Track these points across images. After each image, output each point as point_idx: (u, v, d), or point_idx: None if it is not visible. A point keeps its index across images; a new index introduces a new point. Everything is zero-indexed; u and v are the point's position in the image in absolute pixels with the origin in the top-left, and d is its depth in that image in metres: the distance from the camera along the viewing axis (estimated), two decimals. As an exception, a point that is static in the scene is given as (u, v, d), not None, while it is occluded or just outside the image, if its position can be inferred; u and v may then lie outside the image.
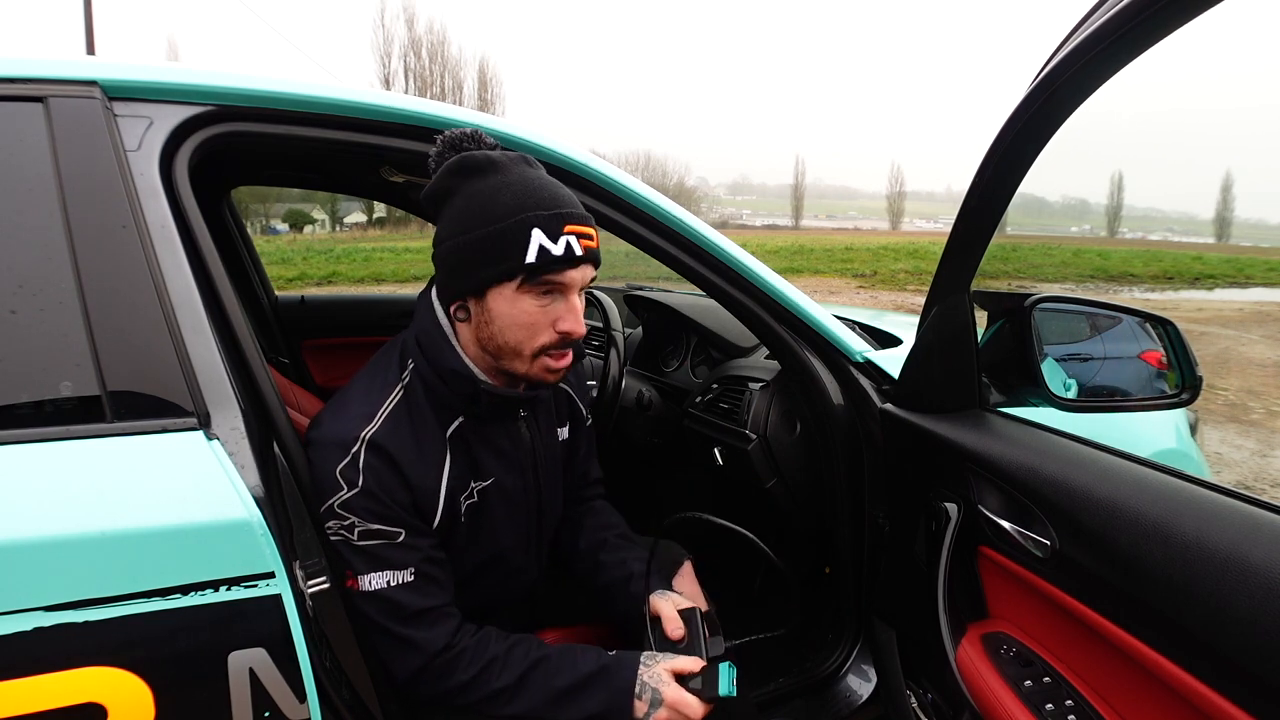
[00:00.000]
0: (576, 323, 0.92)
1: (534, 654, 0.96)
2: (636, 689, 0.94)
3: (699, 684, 0.95)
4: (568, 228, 0.88)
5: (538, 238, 0.87)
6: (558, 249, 0.87)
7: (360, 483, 0.89)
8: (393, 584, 0.91)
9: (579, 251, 0.89)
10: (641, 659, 0.97)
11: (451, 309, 0.96)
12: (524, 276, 0.88)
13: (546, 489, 1.11)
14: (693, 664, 0.97)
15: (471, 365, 0.96)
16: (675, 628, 1.02)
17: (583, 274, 0.91)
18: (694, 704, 0.93)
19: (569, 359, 0.96)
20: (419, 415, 0.96)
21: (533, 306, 0.90)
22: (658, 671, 0.95)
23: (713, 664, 0.97)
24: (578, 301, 0.92)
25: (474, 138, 0.95)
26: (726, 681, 0.95)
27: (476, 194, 0.89)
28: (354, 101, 1.02)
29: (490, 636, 0.97)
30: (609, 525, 1.23)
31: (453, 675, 0.92)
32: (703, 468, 1.67)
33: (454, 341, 0.97)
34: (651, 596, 1.08)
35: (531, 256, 0.87)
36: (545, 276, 0.89)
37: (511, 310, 0.91)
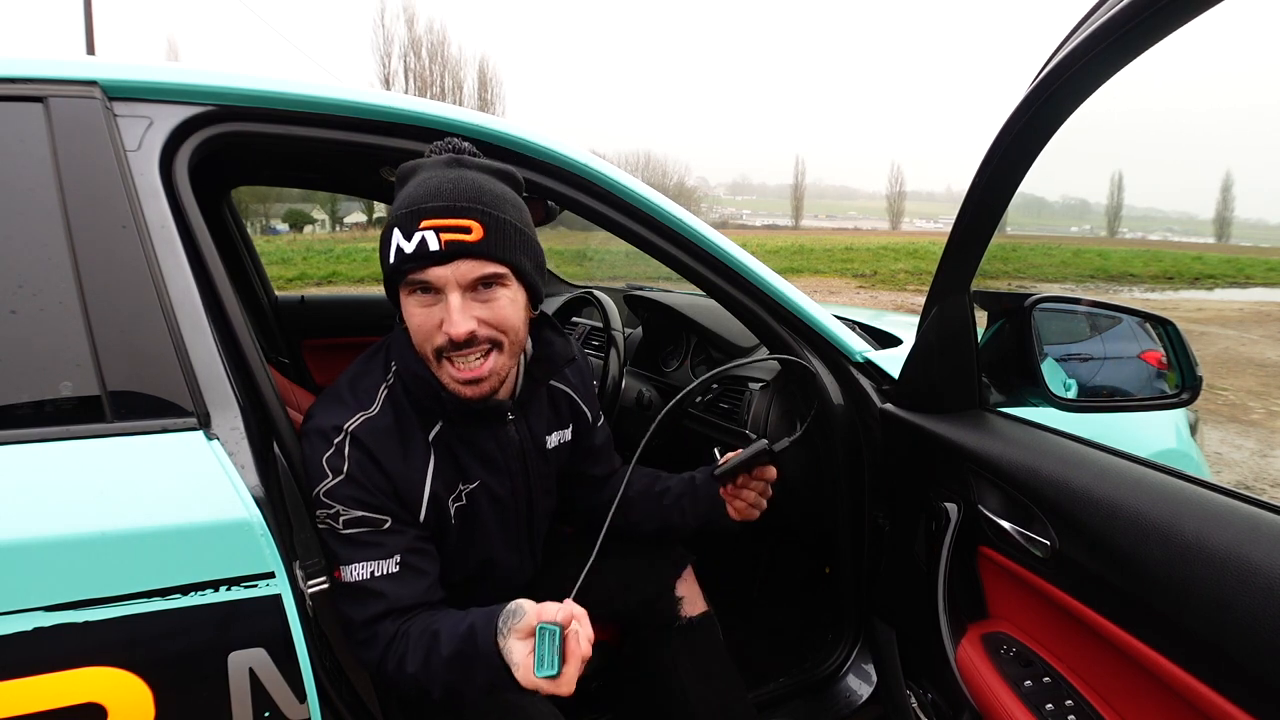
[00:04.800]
0: (451, 323, 0.86)
1: (428, 631, 0.88)
2: (500, 650, 0.81)
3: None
4: (424, 223, 0.85)
5: (396, 238, 0.86)
6: (410, 246, 0.85)
7: (345, 469, 0.89)
8: (376, 574, 0.90)
9: (434, 246, 0.84)
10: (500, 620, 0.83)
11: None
12: (395, 280, 0.89)
13: (537, 491, 1.11)
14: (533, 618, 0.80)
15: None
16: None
17: (454, 270, 0.86)
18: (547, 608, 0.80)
19: (486, 368, 0.90)
20: (403, 415, 0.96)
21: (416, 309, 0.89)
22: (511, 610, 0.82)
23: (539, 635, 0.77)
24: (455, 300, 0.87)
25: (448, 147, 0.94)
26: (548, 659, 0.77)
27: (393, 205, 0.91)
28: (354, 101, 1.02)
29: (410, 623, 0.90)
30: (639, 480, 1.24)
31: (386, 666, 0.89)
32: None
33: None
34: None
35: (391, 258, 0.87)
36: (410, 276, 0.87)
37: (407, 315, 0.90)
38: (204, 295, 0.83)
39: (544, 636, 0.77)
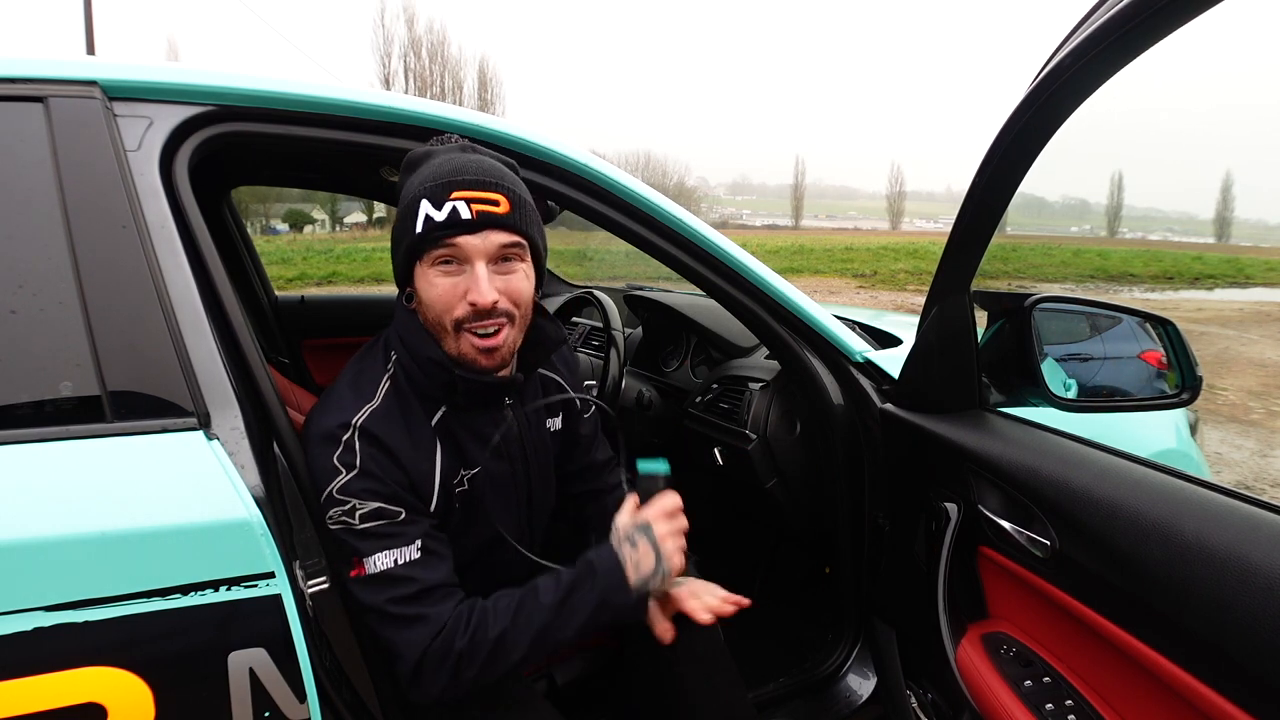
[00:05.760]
0: (479, 293, 0.90)
1: (518, 592, 0.96)
2: (620, 558, 0.96)
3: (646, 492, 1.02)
4: (455, 194, 0.88)
5: (424, 208, 0.89)
6: (440, 214, 0.88)
7: (358, 464, 0.89)
8: (400, 561, 0.90)
9: (466, 215, 0.88)
10: (610, 541, 1.00)
11: (404, 300, 0.99)
12: (421, 250, 0.90)
13: (537, 478, 1.11)
14: (631, 504, 1.02)
15: (446, 353, 0.97)
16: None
17: (484, 240, 0.90)
18: (662, 503, 1.00)
19: (501, 338, 0.94)
20: (406, 405, 0.96)
21: (440, 279, 0.91)
22: (622, 523, 1.00)
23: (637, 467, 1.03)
24: (483, 270, 0.90)
25: (443, 140, 0.98)
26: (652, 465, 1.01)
27: (404, 187, 0.94)
28: (354, 101, 1.02)
29: (476, 600, 0.96)
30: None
31: (454, 644, 0.90)
32: (703, 468, 1.67)
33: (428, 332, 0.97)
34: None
35: (419, 226, 0.89)
36: (442, 241, 0.89)
37: (426, 287, 0.92)
38: (204, 295, 0.83)
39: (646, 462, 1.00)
